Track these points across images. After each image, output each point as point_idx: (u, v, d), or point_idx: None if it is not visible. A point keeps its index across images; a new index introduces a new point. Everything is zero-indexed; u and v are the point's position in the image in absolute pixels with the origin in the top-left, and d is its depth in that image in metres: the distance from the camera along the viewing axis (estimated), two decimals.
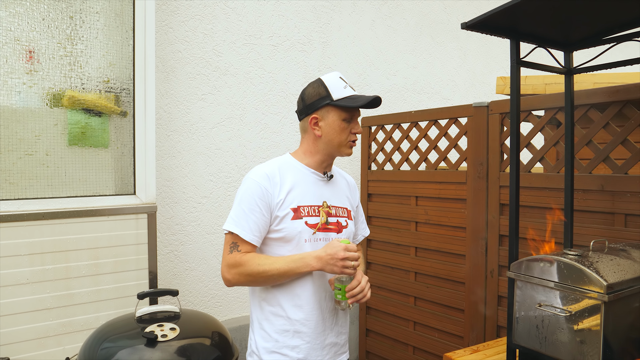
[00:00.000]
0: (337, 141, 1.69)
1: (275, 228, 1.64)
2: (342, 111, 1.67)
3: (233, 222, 1.62)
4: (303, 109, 1.73)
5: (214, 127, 3.23)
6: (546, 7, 1.67)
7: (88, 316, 2.40)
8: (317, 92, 1.68)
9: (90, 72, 2.45)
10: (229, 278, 1.61)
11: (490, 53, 4.99)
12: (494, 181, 2.62)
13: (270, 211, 1.63)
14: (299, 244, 1.65)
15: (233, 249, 1.61)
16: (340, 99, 1.65)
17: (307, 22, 3.64)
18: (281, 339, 1.65)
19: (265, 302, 1.69)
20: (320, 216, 1.69)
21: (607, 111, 2.13)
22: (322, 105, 1.66)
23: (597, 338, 1.53)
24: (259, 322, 1.70)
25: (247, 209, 1.61)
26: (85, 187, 2.45)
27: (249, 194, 1.63)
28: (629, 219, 2.07)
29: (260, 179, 1.64)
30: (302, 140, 1.78)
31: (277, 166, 1.70)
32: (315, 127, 1.69)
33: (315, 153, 1.73)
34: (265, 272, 1.58)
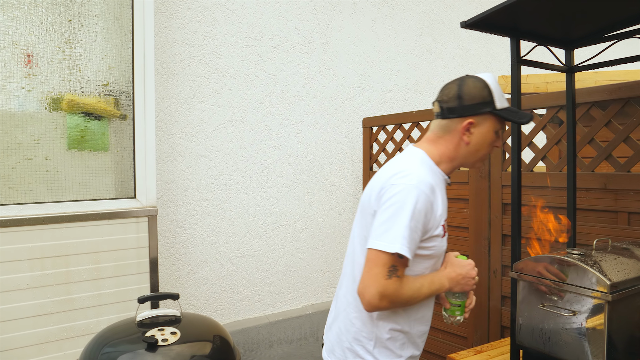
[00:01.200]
0: (481, 153, 1.52)
1: (426, 245, 1.44)
2: (498, 122, 1.50)
3: (405, 242, 1.34)
4: (458, 108, 1.48)
5: (215, 129, 3.22)
6: (546, 5, 1.66)
7: (89, 321, 2.39)
8: (481, 94, 1.47)
9: (89, 75, 2.44)
10: (379, 306, 1.37)
11: (491, 52, 4.97)
12: (496, 180, 2.60)
13: (427, 228, 1.41)
14: (439, 260, 1.52)
15: (392, 274, 1.35)
16: (502, 109, 1.48)
17: (307, 23, 3.63)
18: (404, 353, 1.52)
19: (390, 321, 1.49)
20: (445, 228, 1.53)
21: (609, 109, 2.11)
22: (483, 112, 1.47)
23: (601, 337, 1.51)
24: (381, 341, 1.49)
25: (414, 226, 1.36)
26: (85, 191, 2.44)
27: (419, 209, 1.37)
28: (632, 217, 2.05)
29: (428, 191, 1.40)
30: (440, 140, 1.53)
31: (431, 172, 1.48)
32: (466, 133, 1.49)
33: (453, 159, 1.53)
34: (416, 299, 1.42)
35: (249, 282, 3.40)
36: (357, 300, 1.49)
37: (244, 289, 3.38)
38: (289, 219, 3.57)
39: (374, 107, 4.03)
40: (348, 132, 3.86)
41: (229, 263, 3.31)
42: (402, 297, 1.38)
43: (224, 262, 3.29)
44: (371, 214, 1.45)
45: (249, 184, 3.38)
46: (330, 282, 3.80)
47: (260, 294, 3.46)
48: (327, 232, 3.76)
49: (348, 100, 3.87)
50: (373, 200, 1.45)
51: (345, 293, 1.56)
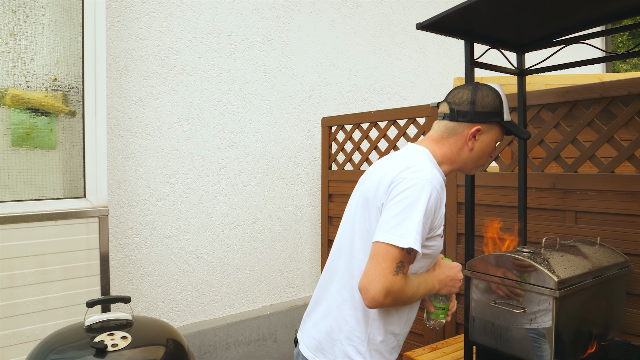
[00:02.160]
0: (481, 161, 1.55)
1: (428, 244, 1.42)
2: (501, 133, 1.54)
3: (417, 237, 1.31)
4: (469, 113, 1.49)
5: (170, 127, 3.15)
6: (498, 9, 1.70)
7: (34, 326, 2.29)
8: (493, 104, 1.49)
9: (35, 69, 2.33)
10: (383, 303, 1.32)
11: (449, 54, 5.07)
12: (451, 180, 2.65)
13: (431, 227, 1.40)
14: (434, 260, 1.52)
15: (400, 270, 1.32)
16: (507, 122, 1.52)
17: (266, 21, 3.60)
18: (391, 357, 1.51)
19: (383, 321, 1.47)
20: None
21: (558, 111, 2.19)
22: (492, 121, 1.50)
23: (550, 333, 1.56)
24: (374, 344, 1.47)
25: (424, 222, 1.33)
26: (31, 191, 2.33)
27: (431, 205, 1.35)
28: (579, 216, 2.13)
29: (440, 188, 1.39)
30: (444, 141, 1.53)
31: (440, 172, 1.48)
32: (472, 139, 1.50)
33: (453, 162, 1.54)
34: (415, 298, 1.40)
35: (206, 283, 3.34)
36: (353, 297, 1.46)
37: (200, 290, 3.32)
38: (247, 218, 3.53)
39: (333, 106, 4.03)
40: (307, 132, 3.85)
41: (185, 264, 3.24)
42: (405, 295, 1.35)
43: (180, 263, 3.22)
44: (377, 207, 1.41)
45: (206, 183, 3.32)
46: (289, 282, 3.78)
47: (218, 295, 3.41)
48: (286, 231, 3.74)
49: (307, 99, 3.86)
50: (381, 193, 1.41)
51: (340, 289, 1.51)
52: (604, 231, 2.02)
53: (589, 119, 2.08)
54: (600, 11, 1.80)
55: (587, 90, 2.09)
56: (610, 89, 2.01)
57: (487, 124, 1.50)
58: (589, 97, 2.08)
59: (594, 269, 1.70)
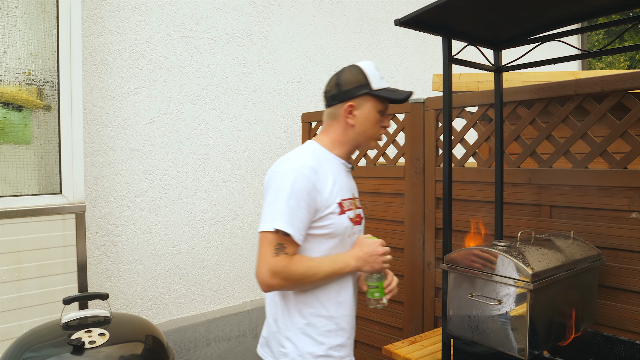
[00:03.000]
0: (369, 133, 1.61)
1: (322, 224, 1.51)
2: (379, 102, 1.60)
3: (283, 219, 1.43)
4: (338, 94, 1.59)
5: (149, 122, 3.11)
6: (476, 6, 1.72)
7: (10, 325, 2.24)
8: (357, 79, 1.58)
9: (8, 62, 2.28)
10: (272, 284, 1.43)
11: (428, 50, 5.11)
12: (429, 176, 2.68)
13: (316, 207, 1.50)
14: (342, 238, 1.56)
15: (280, 251, 1.43)
16: (379, 90, 1.58)
17: (246, 16, 3.58)
18: (327, 340, 1.55)
19: (304, 305, 1.55)
20: (353, 209, 1.62)
21: (533, 108, 2.22)
22: (360, 94, 1.57)
23: (524, 324, 1.59)
24: (299, 328, 1.55)
25: (296, 205, 1.44)
26: (5, 187, 2.28)
27: (298, 188, 1.45)
28: (554, 210, 2.17)
29: (308, 172, 1.49)
30: (329, 128, 1.64)
31: (316, 158, 1.56)
32: (349, 116, 1.59)
33: (344, 143, 1.62)
34: (313, 276, 1.46)
35: (186, 279, 3.32)
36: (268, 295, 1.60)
37: (180, 286, 3.30)
38: (227, 214, 3.51)
39: (313, 102, 4.03)
40: (287, 127, 3.84)
41: (164, 261, 3.22)
42: (294, 274, 1.43)
43: (159, 259, 3.19)
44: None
45: (185, 179, 3.29)
46: None
47: (198, 292, 3.39)
48: None
49: (287, 95, 3.85)
50: (264, 194, 1.55)
51: None
52: (577, 225, 2.06)
53: (563, 115, 2.12)
54: (576, 9, 1.83)
55: (561, 87, 2.13)
56: (584, 86, 2.06)
57: (358, 98, 1.58)
58: (563, 94, 2.12)
59: (568, 262, 1.74)
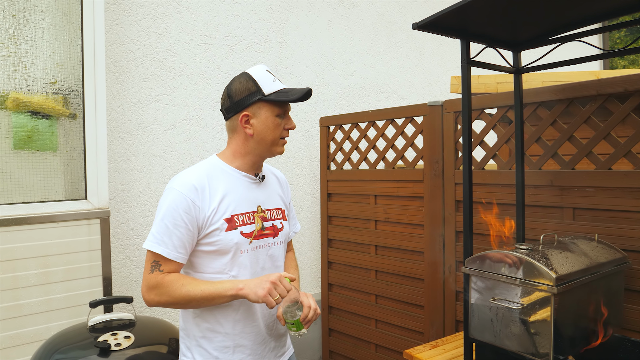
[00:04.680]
0: (270, 139, 1.58)
1: (208, 241, 1.52)
2: (275, 107, 1.57)
3: (155, 239, 1.48)
4: (231, 106, 1.58)
5: (170, 128, 3.16)
6: (494, 8, 1.71)
7: (38, 327, 2.30)
8: (246, 87, 1.55)
9: (36, 73, 2.35)
10: (149, 299, 1.48)
11: (446, 52, 5.09)
12: (449, 178, 2.67)
13: (198, 225, 1.50)
14: (235, 255, 1.54)
15: (154, 269, 1.48)
16: (272, 94, 1.55)
17: (263, 22, 3.61)
18: (222, 356, 1.55)
19: (200, 319, 1.57)
20: (255, 223, 1.59)
21: (555, 109, 2.20)
22: (252, 102, 1.55)
23: (548, 329, 1.57)
24: (195, 339, 1.58)
25: (171, 224, 1.47)
26: (33, 193, 2.35)
27: (173, 207, 1.48)
28: (577, 213, 2.14)
29: (186, 191, 1.49)
30: (230, 140, 1.64)
31: (205, 173, 1.55)
32: (247, 126, 1.57)
33: (245, 154, 1.61)
34: (188, 294, 1.45)
35: None
36: None
37: None
38: None
39: (331, 106, 4.05)
40: (305, 132, 3.86)
41: None
42: (168, 290, 1.46)
43: None
44: None
45: None
46: None
47: None
48: None
49: None
50: None
51: None
52: (602, 228, 2.03)
53: (585, 116, 2.09)
54: (597, 8, 1.81)
55: (583, 88, 2.10)
56: (607, 86, 2.03)
57: (252, 106, 1.56)
58: (585, 95, 2.10)
59: (592, 265, 1.72)
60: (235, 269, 1.56)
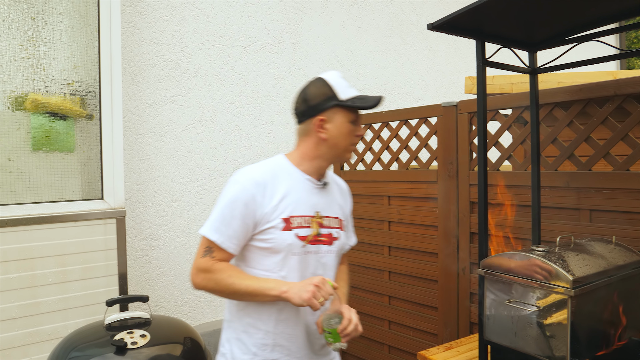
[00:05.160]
0: (343, 145, 1.59)
1: (262, 237, 1.53)
2: (350, 113, 1.58)
3: (212, 227, 1.51)
4: (306, 110, 1.58)
5: (184, 129, 3.19)
6: (510, 8, 1.70)
7: (56, 325, 2.33)
8: (322, 92, 1.56)
9: (54, 74, 2.38)
10: (196, 282, 1.52)
11: (459, 53, 5.06)
12: (463, 179, 2.65)
13: (255, 221, 1.51)
14: (287, 256, 1.54)
15: (207, 254, 1.51)
16: (348, 99, 1.56)
17: (277, 23, 3.63)
18: (260, 352, 1.56)
19: (243, 313, 1.58)
20: (311, 227, 1.58)
21: (571, 109, 2.18)
22: (329, 107, 1.55)
23: (565, 332, 1.56)
24: (236, 333, 1.60)
25: (229, 214, 1.49)
26: (51, 193, 2.38)
27: (234, 199, 1.50)
28: (594, 214, 2.12)
29: (249, 184, 1.51)
30: (301, 143, 1.63)
31: (271, 171, 1.57)
32: (321, 130, 1.57)
33: (315, 158, 1.61)
34: (233, 285, 1.48)
35: None
36: None
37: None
38: None
39: None
40: None
41: None
42: (216, 276, 1.50)
43: None
44: None
45: (220, 184, 3.36)
46: None
47: None
48: None
49: None
50: None
51: None
52: (619, 230, 2.01)
53: (602, 116, 2.07)
54: (614, 8, 1.79)
55: (600, 88, 2.08)
56: (624, 86, 2.01)
57: (327, 111, 1.56)
58: (602, 95, 2.07)
59: (610, 267, 1.70)
60: (285, 270, 1.55)
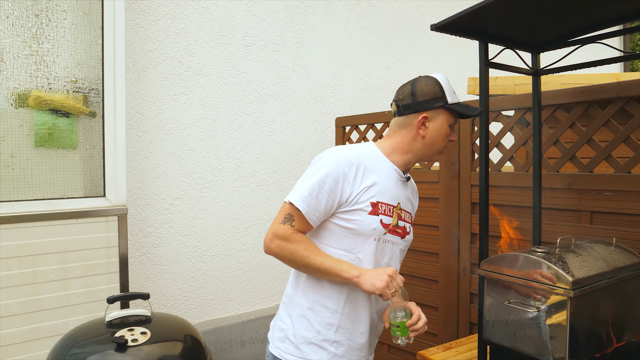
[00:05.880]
0: (438, 145, 1.62)
1: (347, 217, 1.53)
2: (452, 117, 1.61)
3: (300, 195, 1.49)
4: (413, 104, 1.59)
5: (187, 127, 3.19)
6: (513, 10, 1.70)
7: (57, 322, 2.34)
8: (433, 91, 1.58)
9: (57, 71, 2.39)
10: (271, 247, 1.51)
11: (463, 53, 5.06)
12: (465, 180, 2.65)
13: (340, 199, 1.52)
14: (367, 240, 1.56)
15: (287, 221, 1.51)
16: (454, 104, 1.59)
17: (280, 22, 3.63)
18: (324, 331, 1.57)
19: (311, 290, 1.58)
20: (393, 217, 1.60)
21: (573, 111, 2.18)
22: (436, 106, 1.58)
23: (564, 333, 1.56)
24: (301, 309, 1.59)
25: (318, 186, 1.49)
26: (53, 190, 2.39)
27: (327, 171, 1.50)
28: (595, 216, 2.12)
29: (343, 162, 1.52)
30: (396, 134, 1.65)
31: (364, 155, 1.58)
32: (422, 127, 1.59)
33: (407, 152, 1.63)
34: (307, 259, 1.49)
35: (221, 281, 3.39)
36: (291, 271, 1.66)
37: (216, 288, 3.36)
38: (261, 217, 3.57)
39: (347, 106, 4.05)
40: (321, 132, 3.87)
41: (201, 262, 3.29)
42: (290, 245, 1.49)
43: (196, 261, 3.27)
44: None
45: (222, 182, 3.36)
46: None
47: (233, 293, 3.45)
48: None
49: (321, 99, 3.89)
50: None
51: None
52: (620, 232, 2.01)
53: (605, 118, 2.07)
54: (618, 10, 1.79)
55: (603, 90, 2.08)
56: (627, 89, 2.00)
57: (433, 110, 1.58)
58: (605, 97, 2.07)
59: (610, 269, 1.70)
60: (363, 253, 1.57)
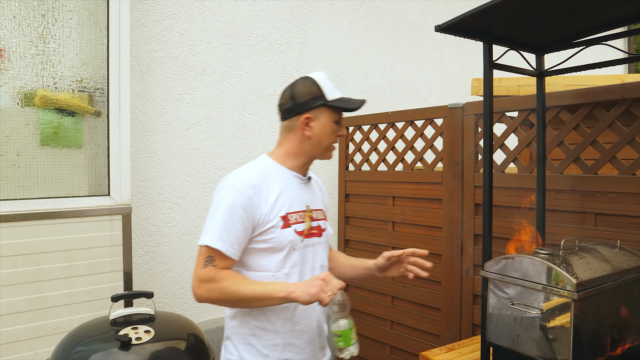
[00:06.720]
0: (325, 143, 1.63)
1: (263, 238, 1.54)
2: (335, 113, 1.62)
3: (213, 234, 1.49)
4: (293, 107, 1.61)
5: (191, 127, 3.20)
6: (518, 11, 1.70)
7: (61, 319, 2.36)
8: (311, 90, 1.60)
9: (63, 71, 2.40)
10: (199, 294, 1.48)
11: (466, 55, 5.05)
12: (468, 181, 2.65)
13: (254, 223, 1.52)
14: (289, 252, 1.57)
15: (208, 263, 1.48)
16: (334, 100, 1.60)
17: (284, 22, 3.64)
18: (271, 354, 1.57)
19: (250, 317, 1.58)
20: (305, 222, 1.63)
21: (577, 113, 2.18)
22: (316, 106, 1.59)
23: (568, 335, 1.56)
24: (243, 337, 1.59)
25: (229, 220, 1.49)
26: (58, 188, 2.40)
27: (232, 203, 1.50)
28: (599, 218, 2.12)
29: (244, 188, 1.51)
30: (284, 140, 1.66)
31: (262, 173, 1.58)
32: (306, 128, 1.60)
33: (299, 155, 1.64)
34: (238, 292, 1.46)
35: None
36: None
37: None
38: None
39: None
40: None
41: None
42: (222, 286, 1.47)
43: None
44: None
45: None
46: None
47: None
48: None
49: None
50: None
51: None
52: (624, 234, 2.01)
53: (609, 120, 2.07)
54: (622, 12, 1.79)
55: (607, 92, 2.08)
56: (632, 90, 2.00)
57: (314, 110, 1.60)
58: (609, 99, 2.07)
59: (614, 271, 1.70)
60: (287, 266, 1.58)
